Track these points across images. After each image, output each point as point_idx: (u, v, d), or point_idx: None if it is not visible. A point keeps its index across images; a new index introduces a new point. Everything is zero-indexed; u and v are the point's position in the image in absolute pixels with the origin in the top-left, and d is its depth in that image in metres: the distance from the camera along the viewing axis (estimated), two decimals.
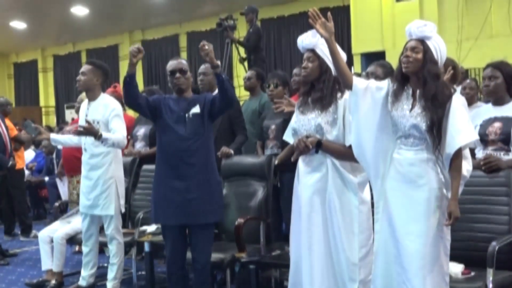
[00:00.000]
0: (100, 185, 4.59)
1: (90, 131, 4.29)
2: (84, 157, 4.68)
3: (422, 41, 3.01)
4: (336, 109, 3.30)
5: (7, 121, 7.43)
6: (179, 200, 3.82)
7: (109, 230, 4.64)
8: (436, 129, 2.91)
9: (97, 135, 4.30)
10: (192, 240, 3.91)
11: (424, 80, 2.98)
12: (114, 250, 4.67)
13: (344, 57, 3.37)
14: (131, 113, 7.33)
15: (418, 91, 3.02)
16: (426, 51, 2.99)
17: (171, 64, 3.98)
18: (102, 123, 4.52)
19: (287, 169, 4.59)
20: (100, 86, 4.69)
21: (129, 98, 3.92)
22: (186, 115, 3.89)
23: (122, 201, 4.71)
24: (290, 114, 3.64)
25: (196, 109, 3.90)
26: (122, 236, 4.72)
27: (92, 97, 4.67)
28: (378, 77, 4.13)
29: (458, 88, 6.27)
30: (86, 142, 4.63)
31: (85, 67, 4.67)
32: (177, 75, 3.93)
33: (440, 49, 3.02)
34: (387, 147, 3.08)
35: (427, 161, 2.96)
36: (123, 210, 4.77)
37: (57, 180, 8.37)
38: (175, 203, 3.83)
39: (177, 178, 3.84)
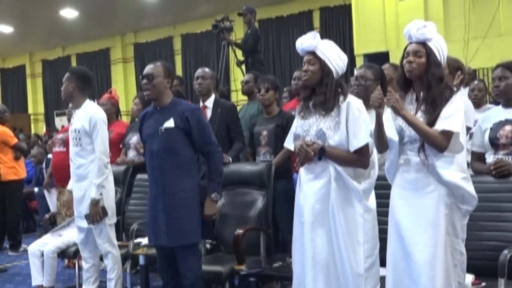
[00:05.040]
0: (87, 197, 4.51)
1: (96, 215, 4.42)
2: (72, 168, 4.63)
3: (423, 43, 3.02)
4: (339, 113, 3.27)
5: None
6: (160, 219, 3.81)
7: (101, 243, 4.58)
8: None
9: (98, 202, 4.42)
10: (178, 258, 3.84)
11: (429, 84, 2.99)
12: (111, 264, 4.61)
13: (346, 60, 3.38)
14: (125, 119, 7.32)
15: (421, 94, 3.03)
16: (429, 54, 3.00)
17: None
18: (83, 132, 4.49)
19: (281, 176, 4.60)
20: (80, 92, 4.60)
21: None
22: (160, 128, 3.81)
23: (111, 213, 4.68)
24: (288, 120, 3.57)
25: (169, 123, 3.79)
26: (117, 249, 4.68)
27: (76, 105, 4.63)
28: (368, 80, 4.11)
29: (466, 90, 6.29)
30: (71, 152, 4.60)
31: (65, 76, 4.66)
32: (144, 81, 3.82)
33: (442, 49, 3.04)
34: None
35: (435, 167, 2.96)
36: (112, 221, 4.72)
37: (45, 192, 8.31)
38: (157, 222, 3.83)
39: (156, 197, 3.84)
